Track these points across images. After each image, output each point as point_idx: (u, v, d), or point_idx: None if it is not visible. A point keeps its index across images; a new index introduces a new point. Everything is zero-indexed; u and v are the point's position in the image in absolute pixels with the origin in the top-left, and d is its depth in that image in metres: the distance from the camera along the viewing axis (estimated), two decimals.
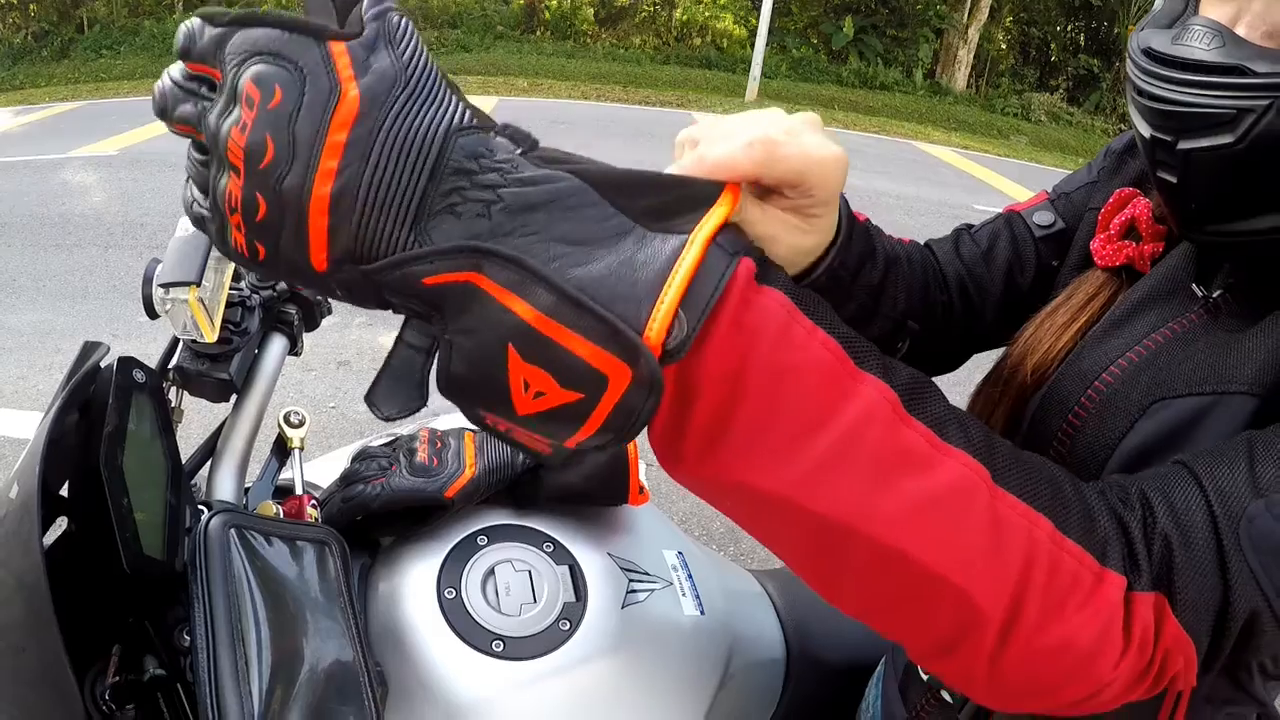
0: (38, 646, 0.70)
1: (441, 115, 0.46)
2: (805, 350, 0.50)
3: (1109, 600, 0.56)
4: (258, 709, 0.71)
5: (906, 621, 0.58)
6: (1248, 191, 0.70)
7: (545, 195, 0.47)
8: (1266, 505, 0.59)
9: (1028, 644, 0.55)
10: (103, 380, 0.86)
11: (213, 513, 0.82)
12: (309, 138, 0.44)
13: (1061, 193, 1.04)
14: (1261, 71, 0.66)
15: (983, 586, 0.53)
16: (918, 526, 0.52)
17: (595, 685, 0.98)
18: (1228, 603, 0.59)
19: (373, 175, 0.45)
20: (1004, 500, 0.55)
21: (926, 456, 0.53)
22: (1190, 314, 0.81)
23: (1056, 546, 0.55)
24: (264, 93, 0.45)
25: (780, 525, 0.55)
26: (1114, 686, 0.58)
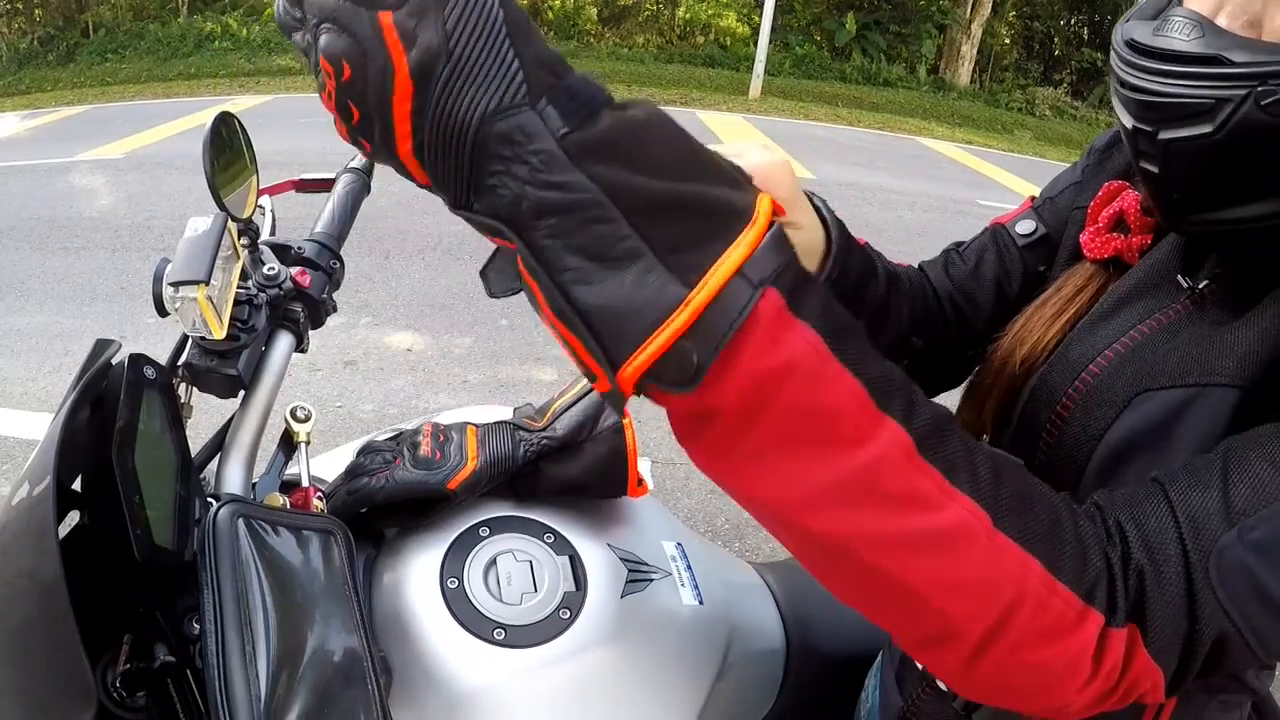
0: (54, 637, 0.72)
1: (480, 97, 0.47)
2: (829, 395, 0.52)
3: (1086, 636, 0.59)
4: (264, 692, 0.73)
5: (892, 622, 0.61)
6: (1227, 180, 0.71)
7: (565, 204, 0.48)
8: (1238, 534, 0.60)
9: (1002, 661, 0.58)
10: (114, 376, 0.88)
11: (221, 503, 0.84)
12: (382, 109, 0.48)
13: (1046, 198, 1.05)
14: (1239, 61, 0.67)
15: (966, 613, 0.57)
16: (913, 560, 0.55)
17: (595, 673, 1.00)
18: (1195, 632, 0.61)
19: (433, 142, 0.48)
20: (1001, 544, 0.57)
21: (932, 500, 0.55)
22: (1176, 305, 0.82)
23: (1047, 590, 0.58)
24: (335, 68, 0.48)
25: (775, 527, 0.58)
26: (1077, 704, 0.61)
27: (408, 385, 4.23)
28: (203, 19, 18.65)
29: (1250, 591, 0.60)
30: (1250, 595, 0.60)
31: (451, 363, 4.52)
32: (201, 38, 17.95)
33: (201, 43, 17.84)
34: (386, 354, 4.57)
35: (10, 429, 3.73)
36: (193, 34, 18.05)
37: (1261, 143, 0.67)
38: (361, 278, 5.35)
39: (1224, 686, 0.85)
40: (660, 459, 3.55)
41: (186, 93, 14.49)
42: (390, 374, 4.32)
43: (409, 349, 4.64)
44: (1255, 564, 0.60)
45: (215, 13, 19.08)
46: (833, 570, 0.59)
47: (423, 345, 4.70)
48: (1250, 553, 0.60)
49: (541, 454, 1.08)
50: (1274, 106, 0.65)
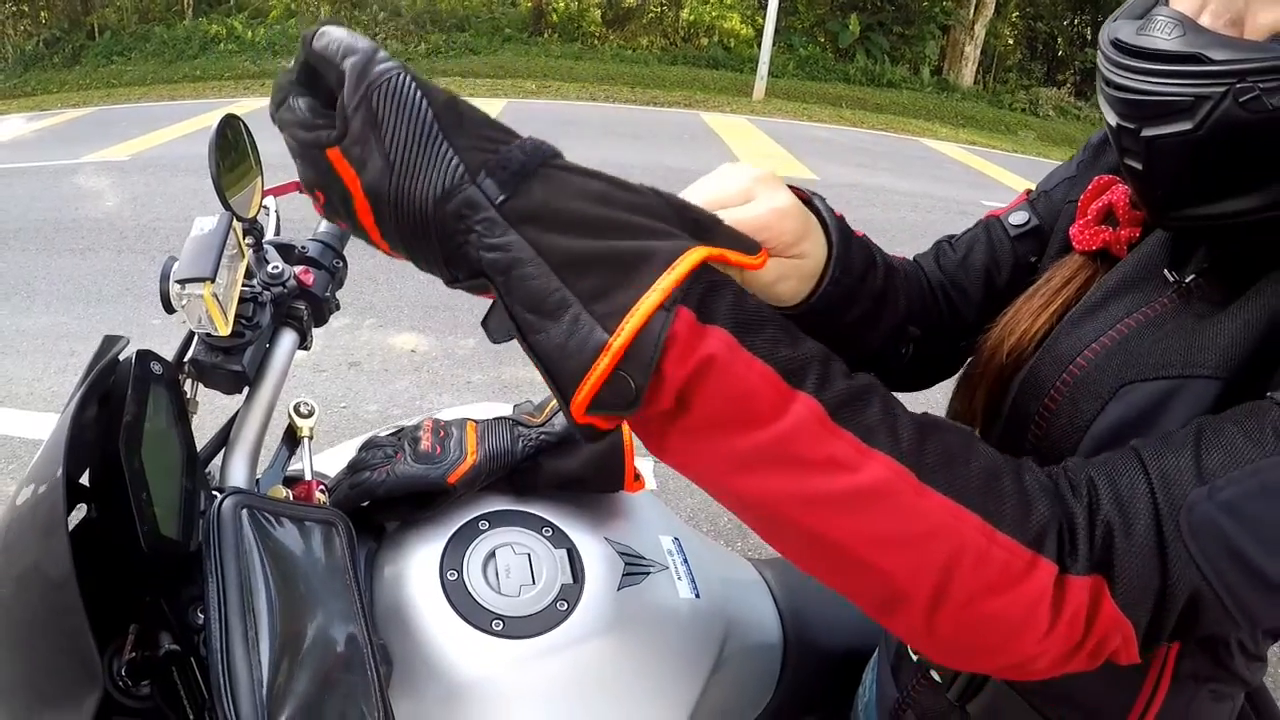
0: (63, 624, 0.74)
1: (428, 188, 0.56)
2: (742, 382, 0.58)
3: (1038, 584, 0.60)
4: (266, 677, 0.75)
5: (845, 585, 0.64)
6: (1209, 176, 0.72)
7: (508, 262, 0.57)
8: (1208, 492, 0.62)
9: (956, 616, 0.60)
10: (121, 372, 0.90)
11: (225, 494, 0.86)
12: (354, 225, 0.59)
13: (1042, 191, 1.06)
14: (1218, 59, 0.67)
15: (907, 570, 0.60)
16: (839, 519, 0.59)
17: (591, 663, 1.01)
18: (1166, 586, 0.62)
19: (403, 234, 0.58)
20: (928, 498, 0.60)
21: (848, 461, 0.59)
22: (1163, 299, 0.82)
23: (986, 540, 0.60)
24: (314, 197, 0.59)
25: (724, 497, 0.63)
26: (1044, 658, 0.63)
27: (411, 386, 4.25)
28: (208, 21, 18.69)
29: (1221, 549, 0.61)
30: (1222, 552, 0.61)
31: (455, 364, 4.54)
32: (207, 40, 17.99)
33: (207, 45, 17.88)
34: (391, 355, 4.59)
35: (16, 429, 3.76)
36: (198, 36, 18.09)
37: (1241, 139, 0.68)
38: (366, 279, 5.36)
39: (1214, 676, 0.85)
40: None
41: (192, 95, 14.53)
42: (394, 375, 4.34)
43: (413, 350, 4.66)
44: (1226, 522, 0.61)
45: (220, 15, 19.12)
46: (777, 535, 0.64)
47: (427, 346, 4.71)
48: (1221, 512, 0.61)
49: (540, 449, 1.10)
50: (1252, 103, 0.66)
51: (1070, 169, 1.04)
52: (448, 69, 16.84)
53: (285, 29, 18.41)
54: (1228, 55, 0.67)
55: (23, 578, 0.82)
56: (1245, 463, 0.62)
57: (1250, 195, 0.71)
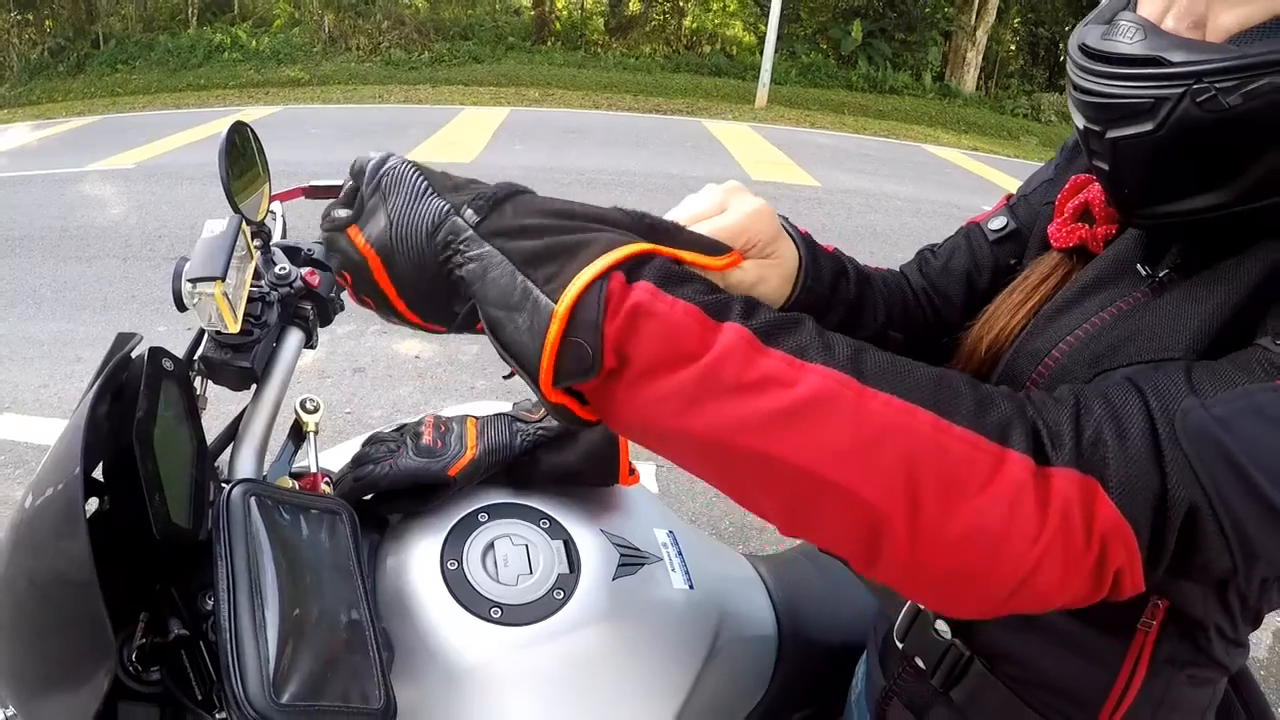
0: (79, 602, 0.78)
1: (420, 226, 0.68)
2: (667, 319, 0.62)
3: (1012, 478, 0.60)
4: (273, 655, 0.79)
5: (826, 530, 0.64)
6: (1172, 175, 0.74)
7: (481, 270, 0.65)
8: (1201, 401, 0.62)
9: (937, 533, 0.60)
10: (134, 369, 0.94)
11: (234, 483, 0.89)
12: (373, 292, 0.70)
13: (1021, 195, 1.08)
14: (1176, 61, 0.69)
15: (868, 483, 0.60)
16: (783, 434, 0.60)
17: (586, 650, 1.04)
18: (1165, 490, 0.61)
19: (408, 280, 0.68)
20: (872, 398, 0.61)
21: (783, 377, 0.61)
22: (1136, 293, 0.84)
23: (941, 434, 0.60)
24: (342, 278, 0.71)
25: (684, 454, 0.66)
26: (1045, 570, 0.60)
27: (415, 391, 4.27)
28: (212, 30, 18.75)
29: (1218, 457, 0.61)
30: (1218, 460, 0.61)
31: (459, 369, 4.56)
32: (211, 48, 18.05)
33: (211, 54, 17.93)
34: (395, 361, 4.61)
35: (23, 435, 3.78)
36: (202, 45, 18.15)
37: (1200, 138, 0.70)
38: None
39: (1192, 661, 0.86)
40: (665, 464, 3.58)
41: (196, 103, 14.59)
42: (398, 380, 4.37)
43: (417, 356, 4.68)
44: (1221, 433, 0.61)
45: (224, 24, 19.17)
46: (740, 477, 0.65)
47: (430, 352, 4.74)
48: (1214, 423, 0.61)
49: (537, 443, 1.14)
50: (1209, 103, 0.68)
51: (1048, 172, 1.06)
52: (451, 77, 16.87)
53: (289, 38, 18.47)
54: (1185, 57, 0.69)
55: (41, 568, 0.86)
56: (1236, 385, 0.63)
57: (1213, 192, 0.73)
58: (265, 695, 0.76)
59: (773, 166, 10.31)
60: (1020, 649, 0.92)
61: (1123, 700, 0.87)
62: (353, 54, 18.20)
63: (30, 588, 0.92)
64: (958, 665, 0.96)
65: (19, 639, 0.93)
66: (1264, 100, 0.66)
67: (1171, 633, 0.84)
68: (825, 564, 1.45)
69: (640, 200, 7.60)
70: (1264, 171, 0.70)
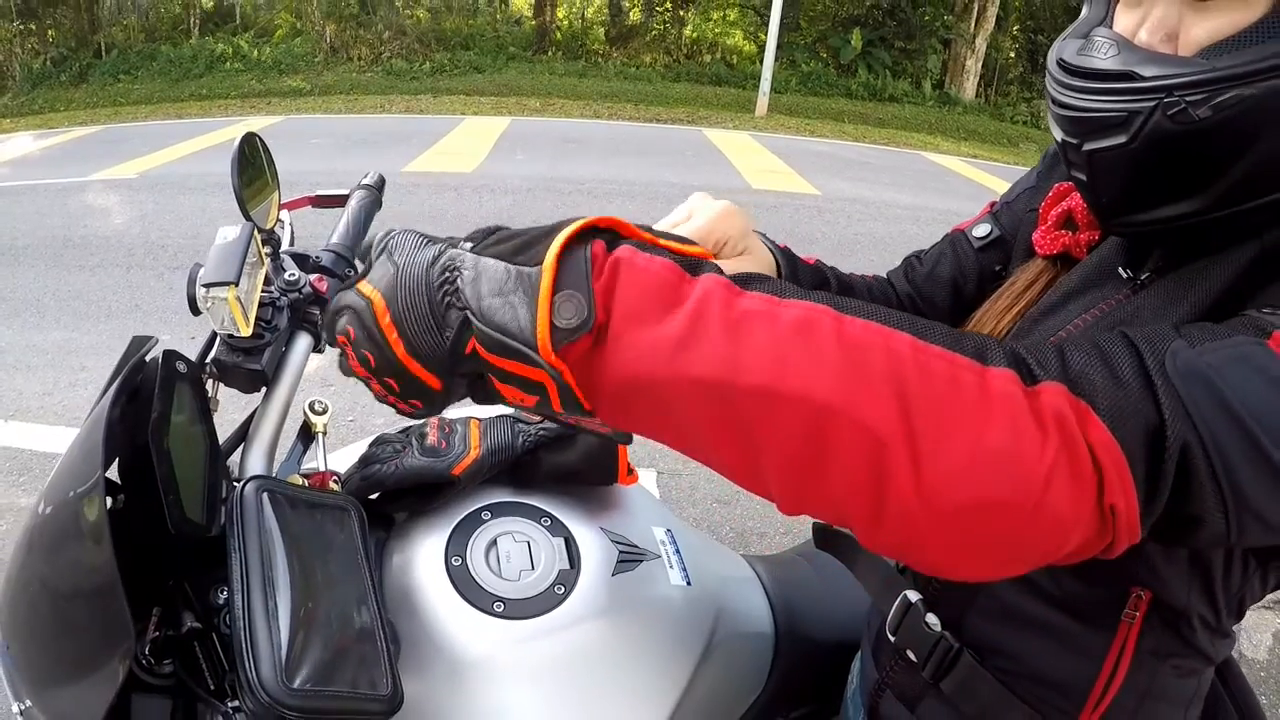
0: (100, 588, 0.82)
1: (422, 262, 0.68)
2: (647, 272, 0.64)
3: (1002, 392, 0.59)
4: (285, 643, 0.82)
5: (833, 479, 0.60)
6: (1147, 185, 0.77)
7: (475, 274, 0.66)
8: (1189, 343, 0.63)
9: (939, 459, 0.57)
10: (149, 370, 0.97)
11: (248, 479, 0.93)
12: (375, 333, 0.68)
13: (1004, 203, 1.11)
14: (1148, 76, 0.72)
15: (864, 404, 0.58)
16: (775, 363, 0.59)
17: (586, 643, 1.07)
18: (1161, 422, 0.60)
19: (408, 325, 0.67)
20: (852, 325, 0.61)
21: (765, 311, 0.61)
22: (1118, 295, 0.86)
23: (920, 353, 0.60)
24: (348, 336, 0.70)
25: (682, 411, 0.63)
26: (1057, 488, 0.58)
27: None
28: (214, 40, 18.79)
29: (1210, 396, 0.61)
30: (1210, 399, 0.61)
31: None
32: (213, 59, 18.09)
33: (213, 64, 17.97)
34: None
35: (28, 443, 3.79)
36: (204, 55, 18.19)
37: (1171, 149, 0.73)
38: None
39: (1176, 652, 0.88)
40: (665, 470, 3.60)
41: (199, 113, 14.61)
42: None
43: None
44: (1212, 375, 0.61)
45: (226, 34, 19.21)
46: (744, 434, 0.61)
47: None
48: (1206, 366, 0.62)
49: (539, 444, 1.17)
50: (1179, 115, 0.71)
51: (1030, 180, 1.09)
52: (452, 87, 16.89)
53: (290, 48, 18.52)
54: (1156, 71, 0.72)
55: (63, 563, 0.89)
56: (1221, 339, 0.64)
57: (1187, 200, 0.75)
58: (278, 680, 0.79)
59: (773, 175, 10.34)
60: (1008, 641, 0.95)
61: (1107, 691, 0.90)
62: (354, 64, 18.25)
63: (43, 588, 0.96)
64: (948, 657, 0.98)
65: (34, 636, 0.97)
66: (1232, 111, 0.69)
67: (1155, 624, 0.86)
68: (822, 564, 1.46)
69: (640, 209, 7.57)
70: (1236, 179, 0.72)
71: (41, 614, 0.97)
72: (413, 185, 8.37)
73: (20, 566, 0.99)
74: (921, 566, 0.68)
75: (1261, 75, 0.68)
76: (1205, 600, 0.84)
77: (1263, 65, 0.68)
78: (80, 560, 0.86)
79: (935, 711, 1.03)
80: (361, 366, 0.70)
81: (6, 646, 1.01)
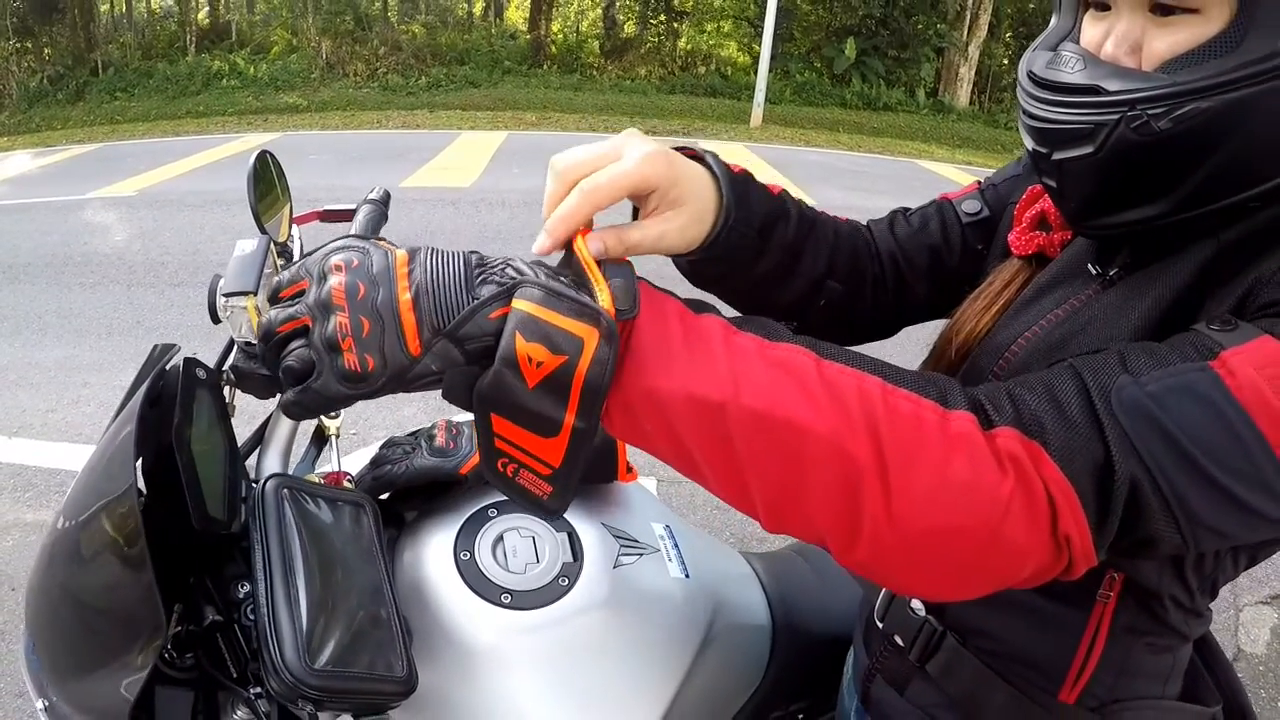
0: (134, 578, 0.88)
1: (454, 251, 0.69)
2: (664, 303, 0.69)
3: (962, 432, 0.65)
4: (305, 627, 0.88)
5: (813, 501, 0.66)
6: (1112, 191, 0.81)
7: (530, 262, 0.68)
8: (1134, 379, 0.67)
9: (908, 489, 0.63)
10: (170, 377, 1.02)
11: (268, 477, 0.98)
12: (385, 273, 0.66)
13: (991, 184, 1.15)
14: (1113, 90, 0.77)
15: (843, 435, 0.64)
16: (768, 391, 0.65)
17: (589, 632, 1.12)
18: (1108, 459, 0.65)
19: (431, 279, 0.66)
20: (830, 368, 0.66)
21: (758, 347, 0.67)
22: (1088, 290, 0.91)
23: (889, 394, 0.65)
24: (348, 263, 0.67)
25: (683, 430, 0.67)
26: (1013, 519, 0.64)
27: (419, 413, 4.30)
28: (210, 57, 18.80)
29: (1153, 430, 0.65)
30: (1154, 433, 0.65)
31: None
32: (210, 76, 18.10)
33: (210, 81, 17.99)
34: None
35: (32, 459, 3.81)
36: (201, 72, 18.20)
37: (1135, 159, 0.77)
38: None
39: (1150, 630, 0.92)
40: (665, 478, 3.63)
41: (196, 130, 14.64)
42: (402, 402, 4.36)
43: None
44: (1154, 408, 0.65)
45: (223, 51, 19.23)
46: (734, 451, 0.66)
47: None
48: (1149, 400, 0.65)
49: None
50: (1141, 128, 0.75)
51: (1017, 168, 1.13)
52: (449, 102, 16.91)
53: (287, 64, 18.55)
54: (1120, 86, 0.76)
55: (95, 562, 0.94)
56: (1168, 364, 0.67)
57: (1151, 205, 0.80)
58: (301, 662, 0.85)
59: None
60: (988, 623, 0.99)
61: (1085, 668, 0.93)
62: (350, 80, 18.29)
63: (68, 590, 1.01)
64: (932, 640, 1.03)
65: (62, 635, 1.02)
66: (1191, 123, 0.73)
67: (1129, 604, 0.90)
68: (816, 559, 1.51)
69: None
70: (1196, 185, 0.77)
71: (69, 613, 1.02)
72: (410, 201, 8.40)
73: (45, 572, 1.04)
74: (891, 585, 0.76)
75: (1218, 89, 0.72)
76: (1177, 581, 0.88)
77: (1219, 80, 0.72)
78: (113, 555, 0.91)
79: (923, 693, 1.06)
80: (344, 293, 0.65)
81: (34, 646, 1.06)
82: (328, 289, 0.66)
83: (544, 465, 0.69)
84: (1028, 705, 0.97)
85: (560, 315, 0.64)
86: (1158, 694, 0.97)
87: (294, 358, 0.67)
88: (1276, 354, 0.66)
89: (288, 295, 0.70)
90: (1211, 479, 0.65)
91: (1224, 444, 0.65)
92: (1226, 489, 0.65)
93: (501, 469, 0.71)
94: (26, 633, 1.08)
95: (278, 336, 0.69)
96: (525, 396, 0.65)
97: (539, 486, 0.71)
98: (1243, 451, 0.65)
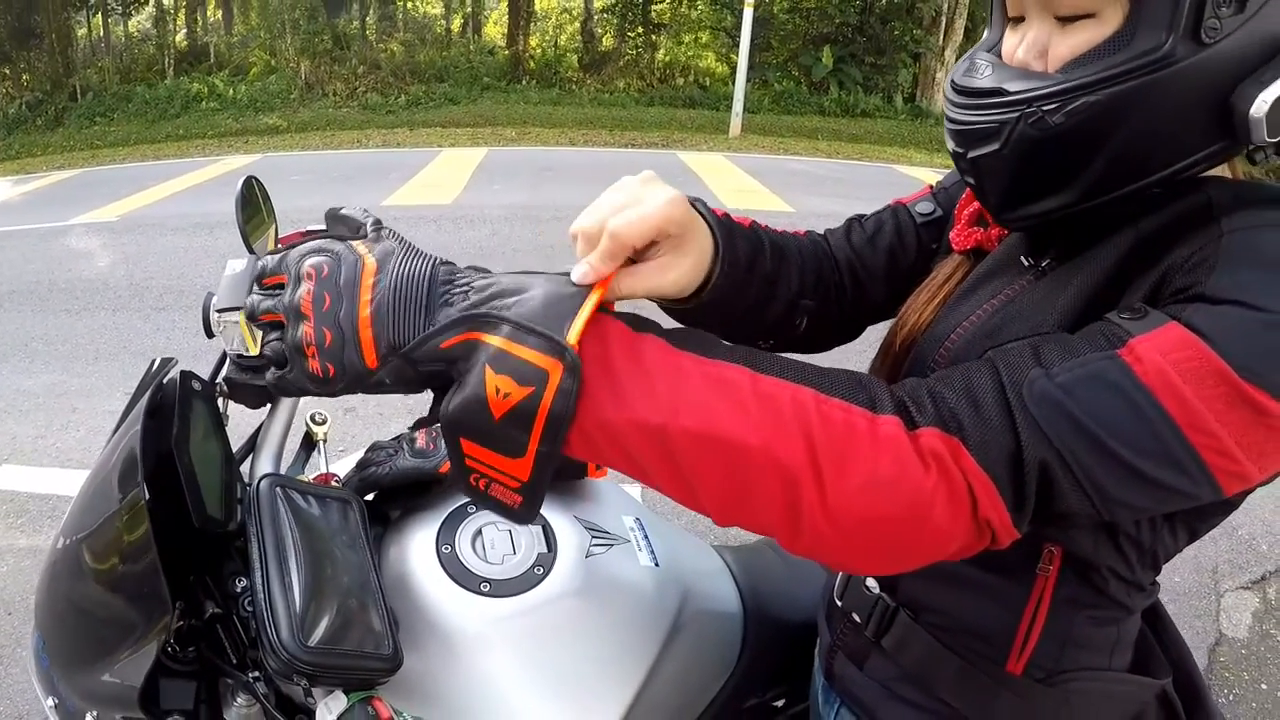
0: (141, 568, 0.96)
1: (424, 261, 0.73)
2: (606, 330, 0.72)
3: (890, 435, 0.70)
4: (299, 610, 0.96)
5: (756, 505, 0.72)
6: (1022, 184, 0.87)
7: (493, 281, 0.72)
8: (1044, 372, 0.72)
9: (841, 487, 0.69)
10: (168, 388, 1.10)
11: (263, 477, 1.06)
12: (351, 285, 0.71)
13: (942, 186, 1.20)
14: (1013, 91, 0.82)
15: (777, 446, 0.69)
16: (702, 409, 0.69)
17: (563, 617, 1.19)
18: (1019, 449, 0.70)
19: (393, 296, 0.71)
20: (765, 381, 0.71)
21: (696, 365, 0.72)
22: (1021, 281, 0.95)
23: (822, 404, 0.70)
24: (318, 271, 0.72)
25: (633, 450, 0.72)
26: (939, 509, 0.70)
27: (404, 428, 4.31)
28: (189, 80, 18.77)
29: (1062, 417, 0.70)
30: (1062, 419, 0.70)
31: None
32: (189, 99, 18.08)
33: (189, 104, 17.97)
34: (385, 399, 4.62)
35: (24, 485, 3.83)
36: (180, 95, 18.17)
37: (1036, 152, 0.82)
38: None
39: (1093, 603, 0.96)
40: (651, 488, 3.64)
41: (176, 153, 14.58)
42: (389, 418, 4.43)
43: (404, 395, 4.72)
44: (1063, 398, 0.70)
45: (202, 74, 19.19)
46: (683, 470, 0.71)
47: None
48: (1058, 390, 0.71)
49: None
50: (1038, 124, 0.80)
51: None
52: (428, 119, 16.90)
53: (266, 85, 18.55)
54: (1019, 86, 0.83)
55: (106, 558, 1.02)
56: (1077, 355, 0.73)
57: (1057, 195, 0.86)
58: (295, 640, 0.93)
59: (746, 194, 10.38)
60: (937, 598, 1.04)
61: (1029, 639, 0.97)
62: (330, 100, 18.34)
63: (74, 587, 1.08)
64: (886, 615, 1.08)
65: (73, 633, 1.10)
66: (1083, 116, 0.79)
67: (1069, 576, 0.94)
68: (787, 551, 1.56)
69: None
70: (1096, 173, 0.83)
71: (79, 604, 1.10)
72: (392, 219, 8.11)
73: (54, 572, 1.11)
74: (833, 566, 0.83)
75: (1105, 83, 0.78)
76: (1115, 553, 0.92)
77: (1107, 74, 0.78)
78: (122, 543, 0.99)
79: (880, 668, 1.11)
80: (311, 303, 0.71)
81: (43, 644, 1.13)
82: (299, 296, 0.72)
83: (513, 479, 0.73)
84: (977, 676, 1.01)
85: (528, 349, 0.68)
86: (1104, 665, 1.01)
87: (270, 348, 0.75)
88: (1182, 339, 0.71)
89: (269, 284, 0.77)
90: (1119, 458, 0.70)
91: (1131, 426, 0.70)
92: (1132, 466, 0.70)
93: (474, 483, 0.75)
94: (35, 632, 1.15)
95: (261, 322, 0.77)
96: (491, 426, 0.70)
97: (510, 498, 0.75)
98: (1150, 431, 0.70)
